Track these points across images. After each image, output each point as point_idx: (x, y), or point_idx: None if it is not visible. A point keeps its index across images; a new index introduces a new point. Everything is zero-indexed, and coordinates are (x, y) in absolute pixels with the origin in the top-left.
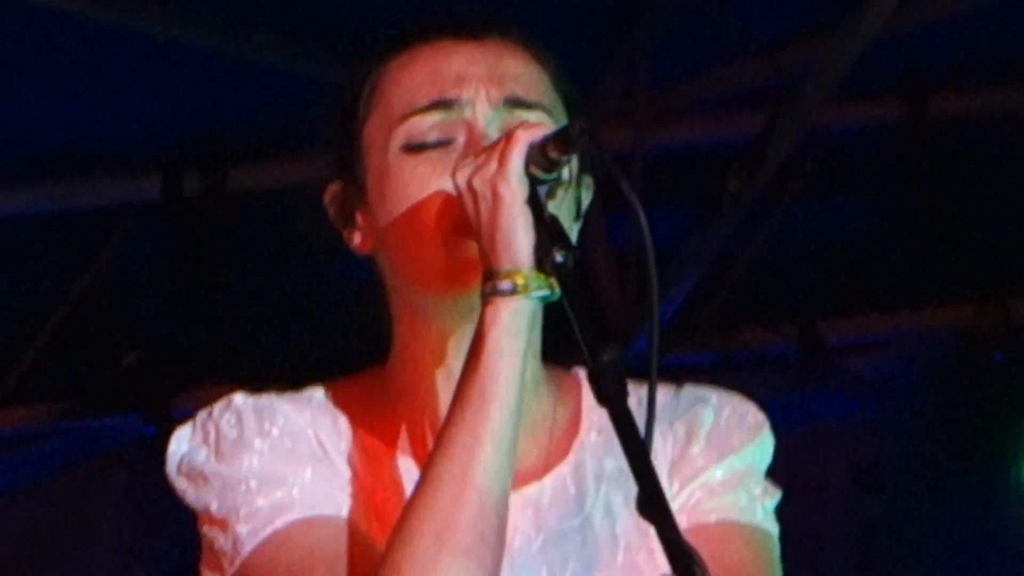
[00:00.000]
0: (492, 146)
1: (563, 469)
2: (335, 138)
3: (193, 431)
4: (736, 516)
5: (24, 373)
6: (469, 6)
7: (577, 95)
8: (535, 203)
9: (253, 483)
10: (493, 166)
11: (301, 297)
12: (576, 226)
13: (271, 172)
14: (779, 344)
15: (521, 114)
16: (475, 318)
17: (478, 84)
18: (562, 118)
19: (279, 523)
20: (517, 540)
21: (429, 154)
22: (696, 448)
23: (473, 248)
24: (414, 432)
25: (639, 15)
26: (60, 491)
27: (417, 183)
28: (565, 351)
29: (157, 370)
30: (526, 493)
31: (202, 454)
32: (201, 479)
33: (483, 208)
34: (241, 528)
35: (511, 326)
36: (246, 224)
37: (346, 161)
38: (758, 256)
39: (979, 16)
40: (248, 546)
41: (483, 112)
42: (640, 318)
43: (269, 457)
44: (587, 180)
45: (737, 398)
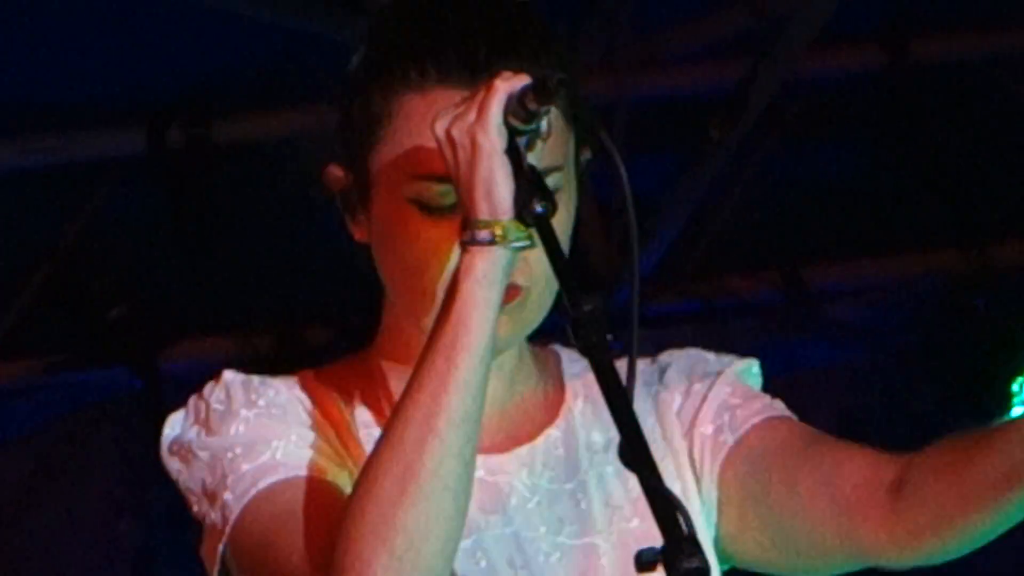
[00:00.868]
0: (471, 96)
1: (553, 432)
2: (346, 128)
3: (185, 414)
4: (775, 413)
5: (11, 328)
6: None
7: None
8: (514, 153)
9: (239, 449)
10: (472, 116)
11: (288, 249)
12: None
13: (256, 124)
14: (763, 291)
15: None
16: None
17: None
18: (572, 153)
19: (262, 484)
20: (513, 499)
21: (437, 218)
22: (697, 387)
23: None
24: None
25: None
26: (48, 445)
27: (426, 246)
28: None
29: (144, 323)
30: (518, 454)
31: (192, 432)
32: (191, 456)
33: (462, 157)
34: (228, 495)
35: (486, 276)
36: (233, 176)
37: (354, 161)
38: (740, 204)
39: None
40: (235, 512)
41: None
42: (622, 268)
43: (255, 423)
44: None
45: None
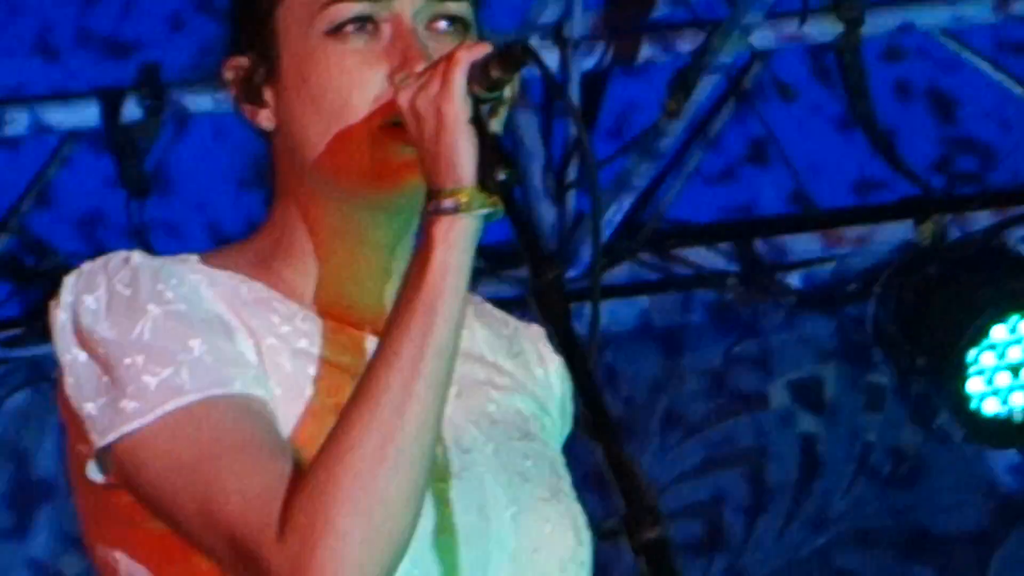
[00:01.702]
0: (434, 66)
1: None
2: (242, 10)
3: (81, 281)
4: None
5: None
6: None
7: None
8: (478, 122)
9: (140, 358)
10: (436, 86)
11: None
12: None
13: (210, 95)
14: (718, 261)
15: (448, 3)
16: (391, 211)
17: None
18: (476, 10)
19: (170, 406)
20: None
21: (356, 43)
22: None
23: (401, 151)
24: (315, 290)
25: None
26: (4, 420)
27: (345, 74)
28: None
29: None
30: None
31: (89, 315)
32: (89, 343)
33: (426, 128)
34: (127, 403)
35: (456, 243)
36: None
37: (255, 36)
38: (695, 175)
39: None
40: (134, 423)
41: (409, 3)
42: (582, 237)
43: (161, 325)
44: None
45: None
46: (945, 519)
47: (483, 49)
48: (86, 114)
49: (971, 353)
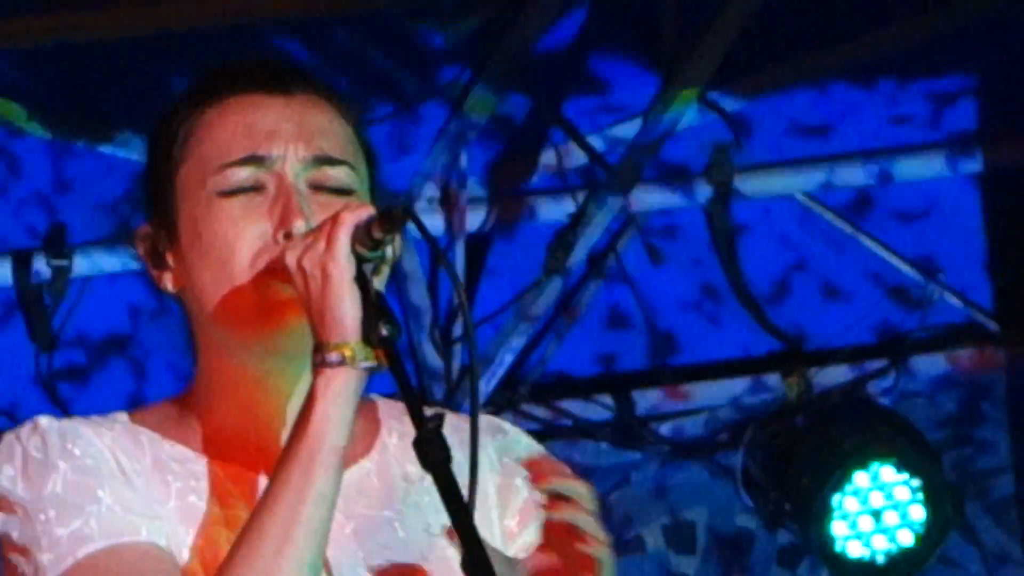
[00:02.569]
0: (320, 227)
1: (366, 464)
2: (147, 182)
3: (1, 451)
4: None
5: None
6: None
7: (373, 146)
8: (362, 280)
9: (52, 512)
10: (321, 246)
11: None
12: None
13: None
14: (596, 412)
15: (327, 170)
16: (281, 356)
17: (287, 141)
18: (364, 170)
19: (80, 554)
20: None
21: (241, 198)
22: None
23: (283, 290)
24: (220, 441)
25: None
26: None
27: (231, 223)
28: None
29: None
30: None
31: (7, 479)
32: (6, 505)
33: (312, 286)
34: (43, 557)
35: (339, 396)
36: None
37: (158, 204)
38: (574, 329)
39: None
40: (51, 574)
41: (292, 167)
42: (464, 389)
43: (71, 479)
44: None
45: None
46: None
47: (366, 210)
48: None
49: (835, 498)
